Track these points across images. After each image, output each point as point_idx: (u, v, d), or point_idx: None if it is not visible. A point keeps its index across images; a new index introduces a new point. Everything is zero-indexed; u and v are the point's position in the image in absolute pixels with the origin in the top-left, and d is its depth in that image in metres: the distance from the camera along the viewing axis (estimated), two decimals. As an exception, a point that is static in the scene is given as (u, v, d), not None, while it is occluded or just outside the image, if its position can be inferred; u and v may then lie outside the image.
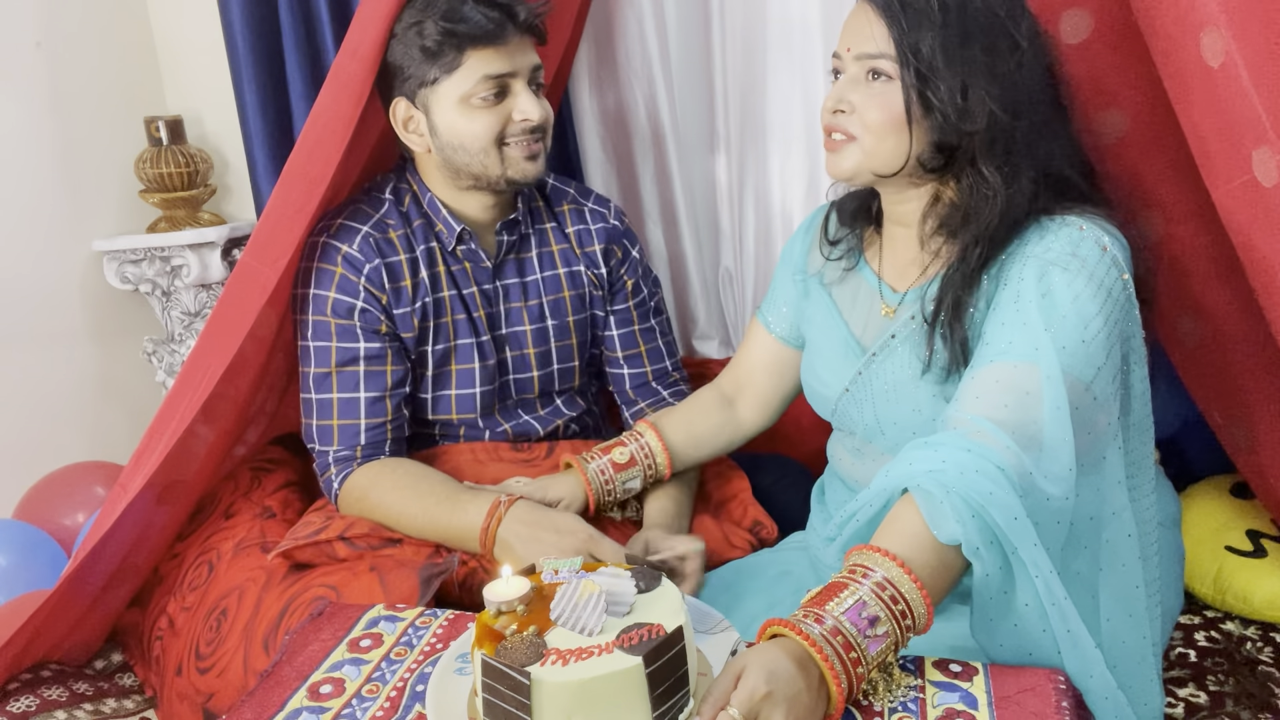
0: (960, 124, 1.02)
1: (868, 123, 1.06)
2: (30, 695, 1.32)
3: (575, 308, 1.51)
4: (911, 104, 1.03)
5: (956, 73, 1.01)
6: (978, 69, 1.01)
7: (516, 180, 1.37)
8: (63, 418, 1.98)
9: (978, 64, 1.01)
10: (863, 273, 1.22)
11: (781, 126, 1.91)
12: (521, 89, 1.33)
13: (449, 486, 1.30)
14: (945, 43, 1.01)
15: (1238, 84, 0.99)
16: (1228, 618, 1.47)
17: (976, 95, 1.01)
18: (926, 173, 1.08)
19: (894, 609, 0.84)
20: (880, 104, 1.05)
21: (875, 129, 1.05)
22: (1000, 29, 1.02)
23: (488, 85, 1.31)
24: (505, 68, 1.31)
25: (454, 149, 1.35)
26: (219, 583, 1.32)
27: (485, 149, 1.34)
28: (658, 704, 0.78)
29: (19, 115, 1.89)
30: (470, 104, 1.32)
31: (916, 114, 1.03)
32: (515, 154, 1.35)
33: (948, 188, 1.09)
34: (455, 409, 1.44)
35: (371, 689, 0.93)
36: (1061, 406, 0.93)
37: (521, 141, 1.34)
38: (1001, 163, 1.03)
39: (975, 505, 0.87)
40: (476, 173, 1.36)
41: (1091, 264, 0.99)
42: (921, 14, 1.02)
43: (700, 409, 1.42)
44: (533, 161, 1.36)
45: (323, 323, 1.37)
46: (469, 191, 1.40)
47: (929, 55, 1.01)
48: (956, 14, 1.01)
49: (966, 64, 1.01)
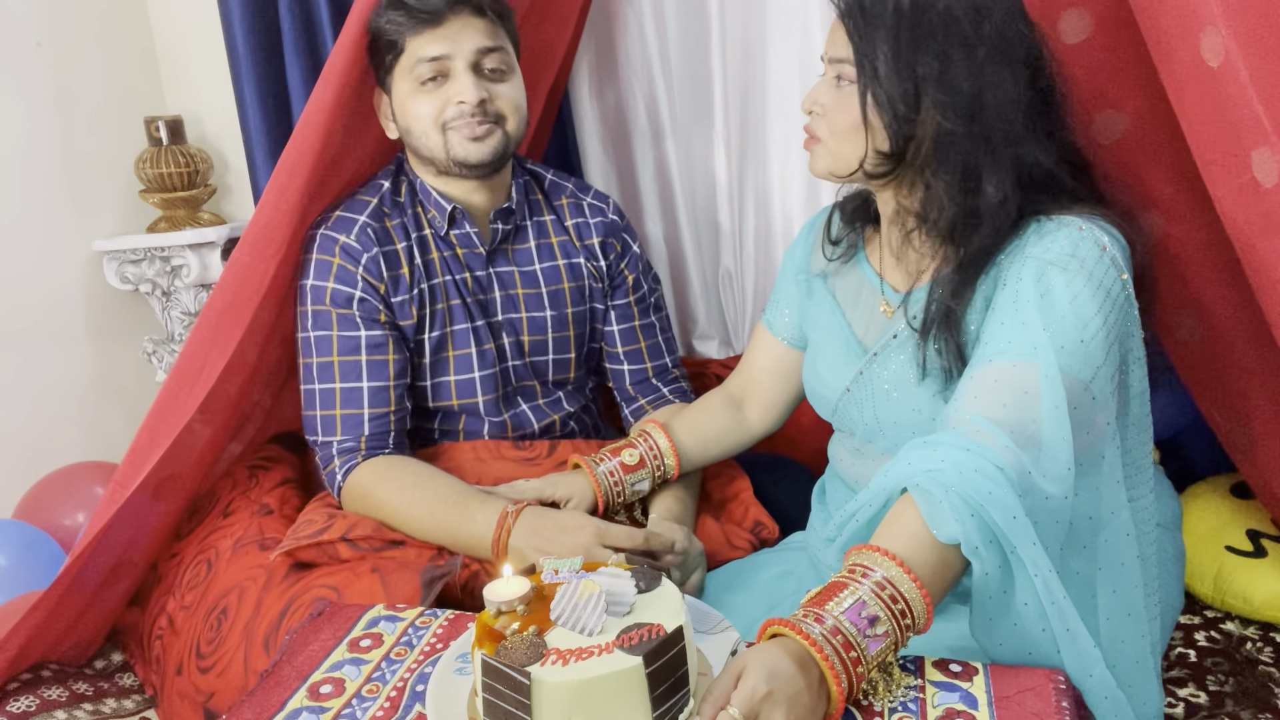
0: (904, 131, 1.04)
1: (832, 125, 1.09)
2: (30, 695, 1.32)
3: (574, 300, 1.51)
4: (867, 109, 1.05)
5: (905, 80, 1.02)
6: (929, 76, 1.02)
7: (463, 162, 1.37)
8: (62, 418, 1.98)
9: (929, 71, 1.01)
10: (865, 272, 1.23)
11: (781, 126, 1.92)
12: (461, 70, 1.34)
13: (456, 490, 1.30)
14: (896, 50, 1.02)
15: (1238, 84, 0.99)
16: (1228, 618, 1.47)
17: (925, 103, 1.02)
18: (870, 178, 1.10)
19: (893, 608, 0.84)
20: (843, 107, 1.07)
21: (838, 132, 1.08)
22: (957, 35, 1.01)
23: (425, 68, 1.33)
24: (441, 50, 1.33)
25: (406, 131, 1.39)
26: (218, 581, 1.32)
27: (427, 131, 1.36)
28: (658, 704, 0.78)
29: (19, 115, 1.89)
30: (413, 87, 1.35)
31: (871, 119, 1.05)
32: (456, 137, 1.36)
33: (900, 194, 1.11)
34: (456, 394, 1.44)
35: (371, 689, 0.93)
36: (1060, 406, 0.93)
37: (462, 124, 1.35)
38: (955, 171, 1.03)
39: (974, 504, 0.87)
40: (428, 155, 1.39)
41: (1090, 264, 0.99)
42: (876, 20, 1.03)
43: (708, 411, 1.43)
44: (478, 143, 1.36)
45: (323, 313, 1.37)
46: (442, 176, 1.42)
47: (879, 62, 1.03)
48: (910, 19, 1.02)
49: (917, 71, 1.02)
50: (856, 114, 1.06)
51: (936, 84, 1.01)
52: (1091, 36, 1.21)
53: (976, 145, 1.02)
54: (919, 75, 1.02)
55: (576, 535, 1.20)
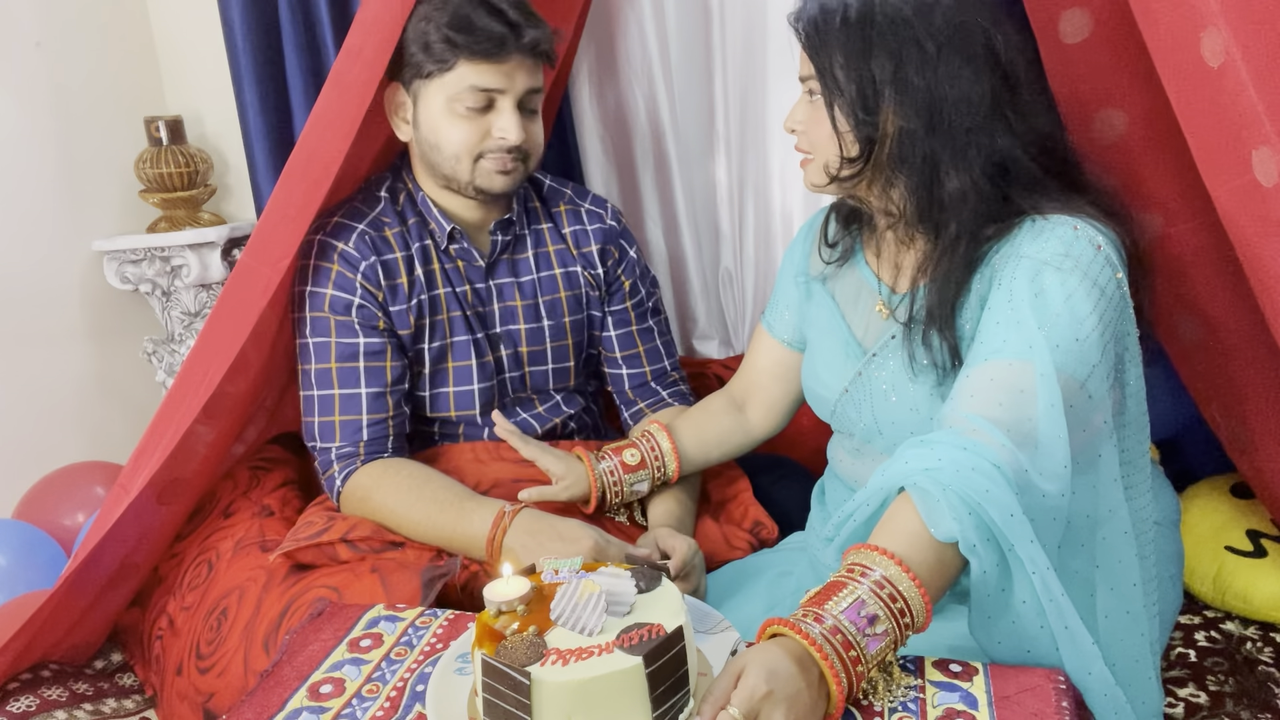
0: (867, 134, 1.06)
1: (811, 140, 1.12)
2: (30, 695, 1.32)
3: (571, 308, 1.51)
4: (835, 118, 1.07)
5: (863, 84, 1.04)
6: (883, 78, 1.03)
7: (483, 190, 1.37)
8: (62, 418, 1.98)
9: (884, 73, 1.03)
10: (863, 274, 1.23)
11: (781, 127, 1.91)
12: (507, 107, 1.32)
13: (453, 492, 1.30)
14: (848, 58, 1.04)
15: (1238, 84, 0.99)
16: (1228, 618, 1.47)
17: (884, 104, 1.04)
18: (841, 183, 1.11)
19: (892, 607, 0.84)
20: (815, 119, 1.10)
21: (815, 143, 1.12)
22: (907, 34, 1.02)
23: (474, 96, 1.31)
24: (495, 83, 1.31)
25: (430, 146, 1.36)
26: (219, 582, 1.32)
27: (459, 156, 1.34)
28: (658, 704, 0.78)
29: (19, 115, 1.89)
30: (454, 109, 1.32)
31: (840, 127, 1.07)
32: (487, 167, 1.35)
33: (873, 195, 1.13)
34: (454, 406, 1.44)
35: (371, 689, 0.93)
36: (1056, 404, 0.93)
37: (497, 158, 1.34)
38: (916, 166, 1.05)
39: (972, 503, 0.87)
40: (447, 174, 1.37)
41: (1085, 263, 0.99)
42: (827, 31, 1.05)
43: (710, 414, 1.43)
44: (504, 176, 1.36)
45: (321, 319, 1.37)
46: (448, 191, 1.41)
47: (837, 70, 1.05)
48: (858, 26, 1.04)
49: (873, 75, 1.04)
50: (828, 125, 1.08)
51: (891, 84, 1.03)
52: (1092, 36, 1.21)
53: (937, 139, 1.04)
54: (875, 78, 1.04)
55: (573, 546, 1.20)
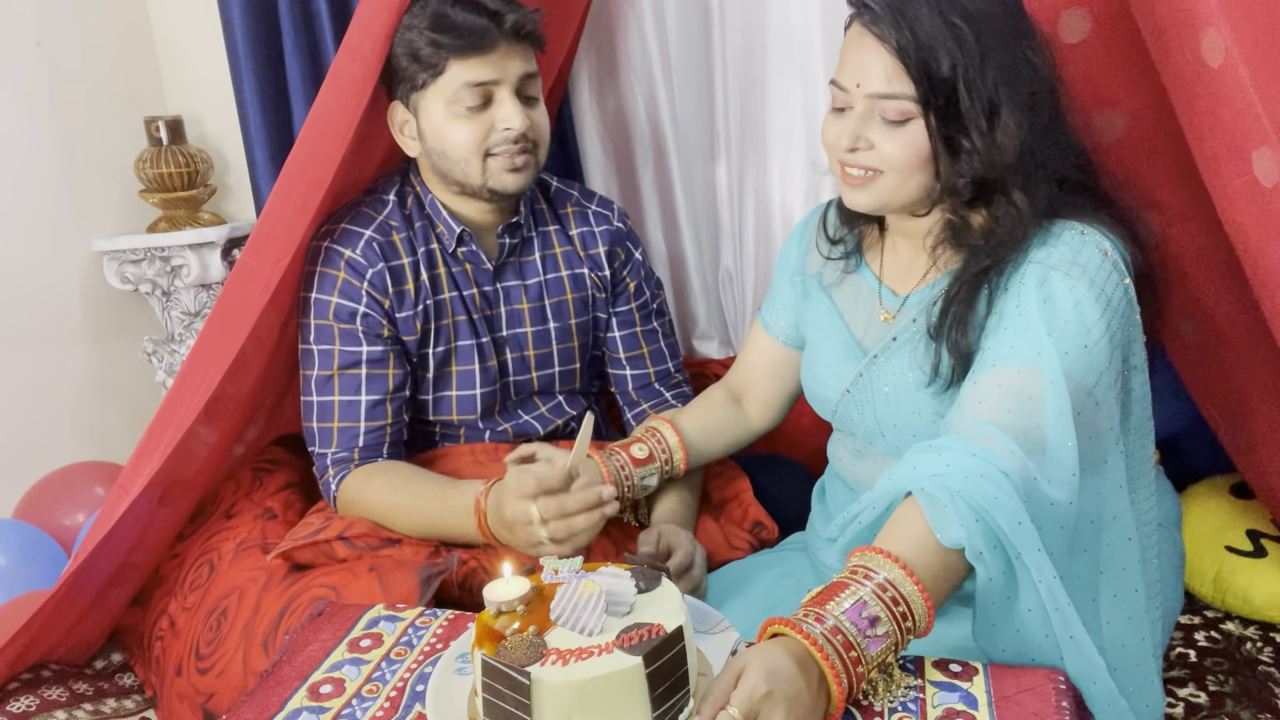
0: (992, 158, 0.99)
1: (891, 160, 1.02)
2: (30, 695, 1.32)
3: (578, 310, 1.51)
4: (938, 145, 1.00)
5: (980, 110, 0.97)
6: (1000, 100, 0.97)
7: (497, 191, 1.36)
8: (62, 418, 1.98)
9: (1000, 94, 0.97)
10: (863, 274, 1.22)
11: (781, 128, 1.92)
12: (506, 97, 1.31)
13: (436, 484, 1.30)
14: (967, 79, 0.96)
15: (1238, 84, 0.99)
16: (1228, 618, 1.47)
17: (1003, 127, 0.98)
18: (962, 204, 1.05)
19: (895, 610, 0.84)
20: (903, 142, 1.01)
21: (901, 166, 1.02)
22: (1014, 50, 0.98)
23: (470, 93, 1.30)
24: (488, 75, 1.30)
25: (439, 155, 1.35)
26: (219, 583, 1.32)
27: (467, 157, 1.33)
28: (658, 704, 0.78)
29: (19, 115, 1.89)
30: (454, 111, 1.31)
31: (943, 152, 1.00)
32: (497, 165, 1.34)
33: (978, 214, 1.06)
34: (456, 410, 1.44)
35: (371, 689, 0.93)
36: (1064, 411, 0.93)
37: (505, 153, 1.33)
38: (1027, 184, 1.01)
39: (979, 509, 0.87)
40: (459, 179, 1.36)
41: (1093, 270, 0.99)
42: (935, 49, 0.96)
43: (711, 406, 1.42)
44: (515, 174, 1.34)
45: (325, 327, 1.37)
46: (461, 196, 1.40)
47: (950, 96, 0.97)
48: (974, 43, 0.96)
49: (988, 97, 0.97)
50: (923, 148, 1.00)
51: (1010, 105, 0.97)
52: (1091, 36, 1.21)
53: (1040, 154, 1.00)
54: (992, 100, 0.96)
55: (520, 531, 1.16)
